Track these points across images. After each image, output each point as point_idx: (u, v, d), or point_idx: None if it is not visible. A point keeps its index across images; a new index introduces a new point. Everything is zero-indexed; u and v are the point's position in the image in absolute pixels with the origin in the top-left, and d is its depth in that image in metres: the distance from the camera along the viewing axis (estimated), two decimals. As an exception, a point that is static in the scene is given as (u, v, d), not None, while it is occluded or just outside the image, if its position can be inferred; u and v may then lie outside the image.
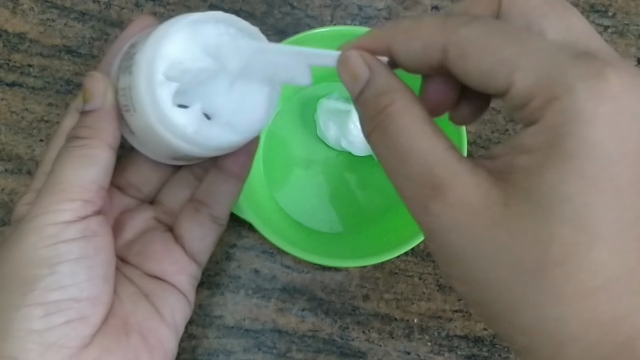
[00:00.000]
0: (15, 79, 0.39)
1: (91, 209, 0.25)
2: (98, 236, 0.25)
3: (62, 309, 0.24)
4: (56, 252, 0.24)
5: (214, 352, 0.37)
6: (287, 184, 0.39)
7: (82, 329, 0.24)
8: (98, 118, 0.26)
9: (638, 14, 0.40)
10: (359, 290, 0.38)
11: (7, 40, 0.40)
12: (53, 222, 0.24)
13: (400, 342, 0.37)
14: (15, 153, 0.39)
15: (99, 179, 0.25)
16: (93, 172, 0.25)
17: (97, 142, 0.25)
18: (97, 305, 0.25)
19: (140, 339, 0.27)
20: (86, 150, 0.25)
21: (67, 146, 0.26)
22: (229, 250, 0.38)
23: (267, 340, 0.37)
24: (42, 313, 0.23)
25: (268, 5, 0.40)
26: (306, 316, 0.37)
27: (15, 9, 0.40)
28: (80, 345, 0.24)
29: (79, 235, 0.24)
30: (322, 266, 0.38)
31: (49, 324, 0.23)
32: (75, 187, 0.25)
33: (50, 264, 0.24)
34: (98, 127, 0.26)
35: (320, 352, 0.37)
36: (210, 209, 0.30)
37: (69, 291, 0.24)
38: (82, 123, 0.26)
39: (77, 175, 0.25)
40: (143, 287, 0.28)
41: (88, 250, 0.25)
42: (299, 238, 0.37)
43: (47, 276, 0.24)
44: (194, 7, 0.40)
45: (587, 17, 0.40)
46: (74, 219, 0.24)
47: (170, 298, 0.28)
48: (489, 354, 0.37)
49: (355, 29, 0.36)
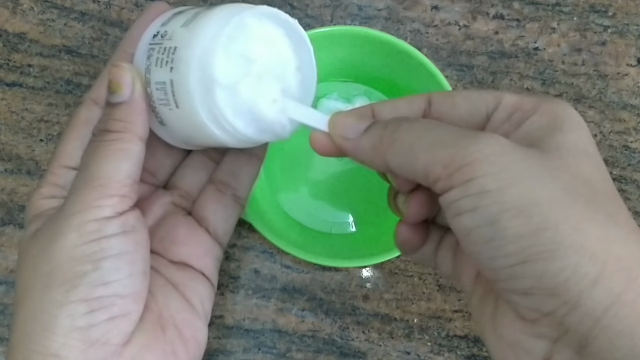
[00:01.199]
0: (15, 79, 0.39)
1: (128, 203, 0.25)
2: (136, 231, 0.25)
3: (106, 305, 0.24)
4: (99, 247, 0.24)
5: (214, 352, 0.37)
6: (287, 185, 0.39)
7: (124, 325, 0.24)
8: (129, 111, 0.25)
9: (638, 14, 0.40)
10: (359, 290, 0.38)
11: (7, 40, 0.40)
12: (94, 219, 0.24)
13: (400, 342, 0.37)
14: (15, 153, 0.39)
15: (133, 173, 0.25)
16: (128, 167, 0.25)
17: (129, 136, 0.25)
18: (138, 301, 0.25)
19: (175, 333, 0.26)
20: (120, 145, 0.25)
21: (99, 140, 0.25)
22: (229, 250, 0.38)
23: (267, 340, 0.37)
24: (85, 310, 0.23)
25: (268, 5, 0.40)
26: (306, 316, 0.37)
27: (15, 9, 0.40)
28: (122, 342, 0.24)
29: (119, 230, 0.24)
30: (322, 266, 0.38)
31: (92, 320, 0.23)
32: (113, 183, 0.24)
33: (94, 259, 0.23)
34: (129, 120, 0.25)
35: (320, 352, 0.37)
36: (234, 190, 0.30)
37: (112, 287, 0.24)
38: (112, 116, 0.25)
39: (114, 171, 0.24)
40: (170, 276, 0.28)
41: (128, 245, 0.24)
42: (298, 238, 0.37)
43: (91, 272, 0.23)
44: (193, 7, 0.40)
45: (587, 17, 0.40)
46: (113, 214, 0.24)
47: (199, 286, 0.28)
48: (488, 354, 0.37)
49: (355, 29, 0.36)
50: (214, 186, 0.30)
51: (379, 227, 0.38)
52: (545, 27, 0.40)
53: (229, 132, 0.24)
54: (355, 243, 0.38)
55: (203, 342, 0.28)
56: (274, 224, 0.36)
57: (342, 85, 0.40)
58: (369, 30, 0.35)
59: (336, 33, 0.35)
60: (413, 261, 0.37)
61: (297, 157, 0.39)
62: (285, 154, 0.39)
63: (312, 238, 0.38)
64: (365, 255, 0.34)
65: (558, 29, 0.40)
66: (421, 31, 0.39)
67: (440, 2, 0.40)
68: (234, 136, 0.25)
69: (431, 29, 0.40)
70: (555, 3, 0.40)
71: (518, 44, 0.40)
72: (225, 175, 0.30)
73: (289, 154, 0.39)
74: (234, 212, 0.30)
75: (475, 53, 0.40)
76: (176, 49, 0.24)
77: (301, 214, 0.39)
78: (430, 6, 0.40)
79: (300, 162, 0.39)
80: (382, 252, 0.33)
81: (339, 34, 0.36)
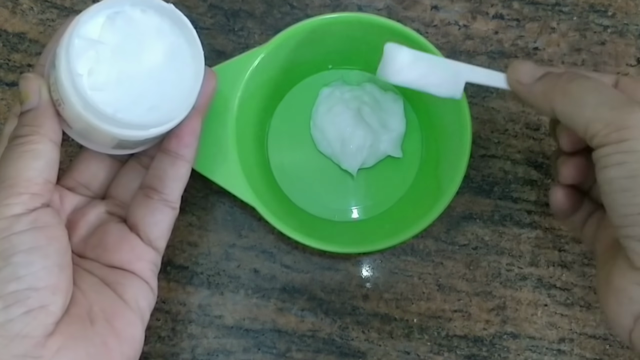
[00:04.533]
0: (15, 78, 0.39)
1: (40, 201, 0.26)
2: (50, 226, 0.26)
3: (21, 299, 0.24)
4: (9, 244, 0.25)
5: (214, 352, 0.37)
6: (291, 171, 0.39)
7: (43, 317, 0.25)
8: (36, 115, 0.27)
9: (638, 14, 0.40)
10: (358, 290, 0.38)
11: (7, 40, 0.40)
12: (3, 217, 0.25)
13: (399, 342, 0.37)
14: (15, 153, 0.39)
15: (44, 172, 0.26)
16: (37, 166, 0.26)
17: (37, 138, 0.26)
18: (55, 293, 0.25)
19: (106, 325, 0.27)
20: (28, 146, 0.26)
21: (9, 146, 0.27)
22: (229, 250, 0.38)
23: (267, 340, 0.37)
24: (1, 305, 0.24)
25: (268, 5, 0.40)
26: (306, 316, 0.37)
27: (15, 8, 0.40)
28: (43, 334, 0.25)
29: (30, 226, 0.25)
30: (322, 266, 0.38)
31: (9, 315, 0.24)
32: (22, 182, 0.25)
33: (4, 256, 0.24)
34: (37, 124, 0.27)
35: (319, 352, 0.37)
36: (161, 194, 0.30)
37: (25, 281, 0.24)
38: (21, 123, 0.27)
39: (22, 170, 0.26)
40: (104, 277, 0.29)
41: (40, 240, 0.25)
42: (301, 225, 0.37)
43: (2, 268, 0.24)
44: (193, 6, 0.40)
45: (587, 17, 0.40)
46: (23, 211, 0.25)
47: (132, 285, 0.29)
48: (488, 354, 0.37)
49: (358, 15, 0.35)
50: (142, 192, 0.30)
51: (382, 215, 0.38)
52: (545, 27, 0.40)
53: (99, 117, 0.26)
54: (358, 231, 0.38)
55: (137, 335, 0.28)
56: (277, 210, 0.36)
57: (346, 73, 0.40)
58: (372, 16, 0.35)
59: (339, 20, 0.35)
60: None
61: (301, 144, 0.39)
62: (289, 139, 0.39)
63: (314, 225, 0.38)
64: (367, 242, 0.34)
65: (558, 29, 0.40)
66: (421, 31, 0.39)
67: (440, 2, 0.40)
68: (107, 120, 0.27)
69: (431, 28, 0.40)
70: (555, 3, 0.40)
71: (518, 44, 0.40)
72: (152, 180, 0.30)
73: (292, 140, 0.39)
74: (165, 216, 0.30)
75: (475, 53, 0.40)
76: (56, 49, 0.27)
77: (304, 201, 0.39)
78: (430, 6, 0.40)
79: (303, 149, 0.39)
80: (384, 240, 0.33)
81: (342, 21, 0.35)
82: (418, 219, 0.33)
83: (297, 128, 0.39)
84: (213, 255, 0.38)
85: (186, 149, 0.30)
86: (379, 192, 0.39)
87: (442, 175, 0.35)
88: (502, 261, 0.38)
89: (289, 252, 0.38)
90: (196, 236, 0.38)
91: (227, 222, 0.38)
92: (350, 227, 0.38)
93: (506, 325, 0.37)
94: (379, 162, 0.39)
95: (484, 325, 0.37)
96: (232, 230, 0.38)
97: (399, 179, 0.39)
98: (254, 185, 0.34)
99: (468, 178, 0.33)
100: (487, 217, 0.38)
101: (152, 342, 0.37)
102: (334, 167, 0.39)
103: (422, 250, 0.38)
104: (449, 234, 0.38)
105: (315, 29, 0.35)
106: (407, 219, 0.35)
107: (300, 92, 0.40)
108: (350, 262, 0.38)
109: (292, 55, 0.36)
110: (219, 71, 0.32)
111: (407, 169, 0.39)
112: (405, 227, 0.34)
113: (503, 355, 0.37)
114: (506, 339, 0.37)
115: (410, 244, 0.38)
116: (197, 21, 0.39)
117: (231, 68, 0.34)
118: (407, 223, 0.34)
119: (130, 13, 0.28)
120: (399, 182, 0.39)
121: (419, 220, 0.33)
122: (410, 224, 0.33)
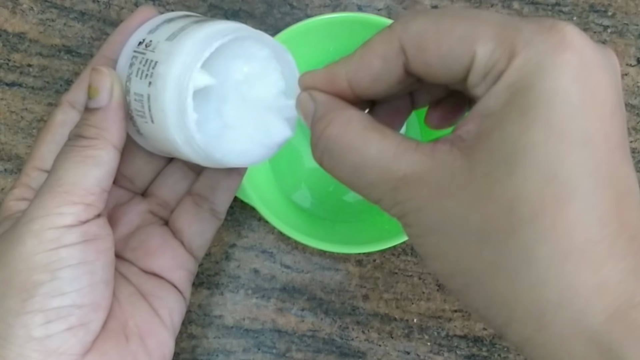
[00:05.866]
0: (15, 78, 0.39)
1: (93, 212, 0.24)
2: (99, 239, 0.25)
3: (63, 315, 0.23)
4: (57, 257, 0.23)
5: (214, 352, 0.37)
6: (292, 171, 0.39)
7: (83, 335, 0.24)
8: (104, 117, 0.25)
9: (638, 14, 0.40)
10: (358, 290, 0.38)
11: (7, 40, 0.40)
12: (54, 226, 0.23)
13: (399, 342, 0.37)
14: (15, 153, 0.39)
15: (102, 181, 0.24)
16: (97, 175, 0.24)
17: (102, 143, 0.24)
18: (98, 310, 0.24)
19: (140, 343, 0.26)
20: (91, 151, 0.24)
21: (70, 145, 0.25)
22: (229, 250, 0.38)
23: (267, 340, 0.37)
24: (42, 320, 0.23)
25: (268, 5, 0.40)
26: (306, 316, 0.37)
27: (15, 8, 0.40)
28: (81, 352, 0.24)
29: (80, 239, 0.24)
30: (322, 266, 0.38)
31: (49, 331, 0.23)
32: (78, 190, 0.24)
33: (51, 269, 0.23)
34: (104, 127, 0.25)
35: (319, 352, 0.37)
36: (211, 204, 0.29)
37: (70, 297, 0.23)
38: (87, 121, 0.25)
39: (81, 178, 0.24)
40: (140, 285, 0.28)
41: (89, 254, 0.24)
42: (302, 225, 0.37)
43: (48, 282, 0.23)
44: (193, 6, 0.40)
45: (587, 17, 0.40)
46: (75, 223, 0.24)
47: (168, 297, 0.28)
48: (488, 353, 0.37)
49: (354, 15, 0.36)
50: (192, 199, 0.29)
51: (382, 215, 0.38)
52: (545, 27, 0.40)
53: (201, 155, 0.24)
54: (359, 230, 0.38)
55: (169, 354, 0.27)
56: (278, 210, 0.36)
57: None
58: (372, 16, 0.35)
59: (336, 21, 0.35)
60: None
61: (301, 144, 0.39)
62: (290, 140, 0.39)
63: (315, 225, 0.38)
64: (367, 242, 0.34)
65: (558, 29, 0.40)
66: (421, 31, 0.39)
67: (440, 2, 0.40)
68: (207, 160, 0.24)
69: (431, 28, 0.40)
70: (555, 3, 0.40)
71: (518, 44, 0.40)
72: (203, 189, 0.29)
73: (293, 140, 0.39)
74: (211, 227, 0.30)
75: (475, 53, 0.40)
76: (157, 63, 0.24)
77: (305, 201, 0.39)
78: (430, 6, 0.40)
79: (304, 149, 0.39)
80: (385, 239, 0.33)
81: (339, 21, 0.35)
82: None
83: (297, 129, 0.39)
84: (213, 255, 0.38)
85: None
86: None
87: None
88: (502, 261, 0.38)
89: (289, 252, 0.38)
90: (196, 236, 0.38)
91: (227, 222, 0.38)
92: (350, 227, 0.38)
93: (506, 325, 0.37)
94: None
95: (484, 325, 0.37)
96: (232, 230, 0.38)
97: None
98: (254, 185, 0.34)
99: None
100: (487, 217, 0.38)
101: (152, 342, 0.37)
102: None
103: (422, 250, 0.38)
104: (449, 234, 0.38)
105: (316, 29, 0.35)
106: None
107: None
108: (350, 262, 0.38)
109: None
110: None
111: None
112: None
113: (503, 355, 0.37)
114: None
115: (410, 244, 0.38)
116: (197, 21, 0.39)
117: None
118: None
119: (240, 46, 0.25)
120: None
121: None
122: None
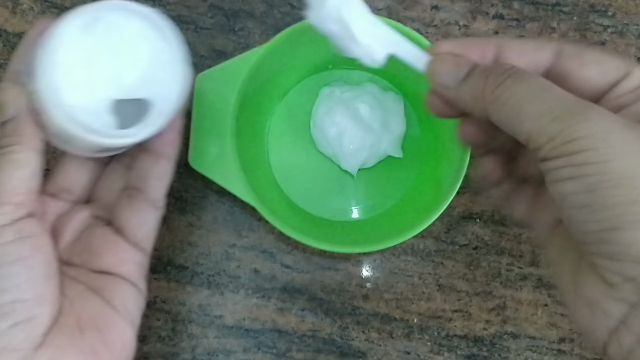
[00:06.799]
0: (15, 78, 0.39)
1: (23, 211, 0.26)
2: (34, 237, 0.26)
3: (7, 312, 0.24)
4: None
5: (214, 352, 0.37)
6: (291, 170, 0.39)
7: (30, 329, 0.25)
8: (16, 125, 0.26)
9: (638, 14, 0.40)
10: (358, 290, 0.38)
11: (7, 40, 0.40)
12: None
13: (400, 342, 0.37)
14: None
15: (27, 181, 0.26)
16: (20, 176, 0.26)
17: (19, 147, 0.26)
18: (42, 304, 0.25)
19: (95, 334, 0.27)
20: (9, 156, 0.26)
21: None
22: (229, 250, 0.38)
23: (267, 340, 0.37)
24: None
25: (268, 5, 0.40)
26: (306, 316, 0.37)
27: (15, 8, 0.40)
28: (31, 347, 0.24)
29: (14, 237, 0.25)
30: (322, 266, 0.38)
31: None
32: (5, 192, 0.25)
33: None
34: (18, 134, 0.26)
35: (320, 352, 0.37)
36: (145, 193, 0.30)
37: (11, 293, 0.24)
38: (2, 134, 0.26)
39: (5, 180, 0.25)
40: (91, 283, 0.28)
41: (25, 251, 0.25)
42: (301, 224, 0.37)
43: None
44: (193, 6, 0.40)
45: (587, 17, 0.40)
46: (6, 222, 0.25)
47: (121, 290, 0.28)
48: (488, 353, 0.37)
49: None
50: (126, 193, 0.30)
51: (382, 215, 0.38)
52: (545, 27, 0.40)
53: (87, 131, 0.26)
54: (358, 230, 0.38)
55: (128, 341, 0.28)
56: (277, 210, 0.36)
57: (347, 73, 0.40)
58: None
59: None
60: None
61: (301, 144, 0.39)
62: (289, 139, 0.39)
63: (314, 224, 0.38)
64: (367, 242, 0.34)
65: (558, 29, 0.40)
66: (421, 31, 0.39)
67: (440, 2, 0.40)
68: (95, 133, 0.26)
69: (431, 28, 0.40)
70: (555, 3, 0.40)
71: (518, 44, 0.40)
72: (135, 181, 0.30)
73: (292, 140, 0.40)
74: (150, 216, 0.30)
75: (475, 53, 0.40)
76: (33, 59, 0.26)
77: (304, 201, 0.39)
78: (430, 6, 0.40)
79: (304, 149, 0.39)
80: (384, 239, 0.34)
81: None
82: (418, 219, 0.33)
83: (297, 128, 0.39)
84: (213, 255, 0.38)
85: (168, 147, 0.30)
86: (379, 192, 0.39)
87: (442, 175, 0.35)
88: (502, 261, 0.38)
89: (289, 252, 0.38)
90: (196, 236, 0.38)
91: (227, 222, 0.38)
92: (350, 227, 0.38)
93: (506, 325, 0.37)
94: (379, 162, 0.39)
95: (484, 325, 0.37)
96: (232, 230, 0.38)
97: (399, 179, 0.39)
98: (254, 185, 0.34)
99: (468, 178, 0.33)
100: (487, 217, 0.38)
101: (152, 342, 0.37)
102: (334, 167, 0.39)
103: (422, 250, 0.38)
104: (449, 234, 0.38)
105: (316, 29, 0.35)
106: (407, 219, 0.35)
107: (300, 92, 0.40)
108: (350, 262, 0.38)
109: (292, 55, 0.36)
110: (219, 71, 0.32)
111: (407, 169, 0.39)
112: (405, 227, 0.34)
113: (503, 355, 0.37)
114: (506, 339, 0.37)
115: (410, 244, 0.38)
116: (197, 21, 0.39)
117: (231, 68, 0.34)
118: (407, 223, 0.34)
119: (110, 19, 0.27)
120: (399, 182, 0.39)
121: (419, 220, 0.33)
122: (410, 224, 0.33)
